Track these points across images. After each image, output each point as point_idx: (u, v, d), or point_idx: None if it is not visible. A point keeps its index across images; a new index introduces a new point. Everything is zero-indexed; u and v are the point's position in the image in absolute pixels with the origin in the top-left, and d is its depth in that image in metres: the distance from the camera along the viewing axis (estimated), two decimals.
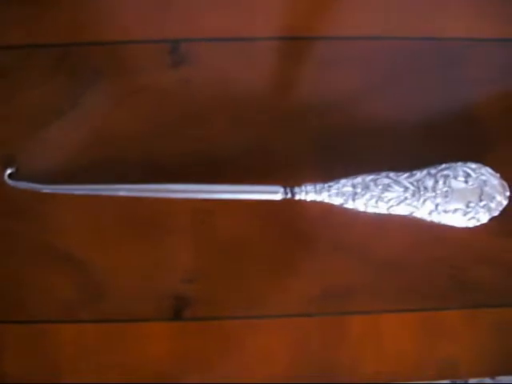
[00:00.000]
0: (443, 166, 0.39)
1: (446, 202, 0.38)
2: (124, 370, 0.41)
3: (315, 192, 0.38)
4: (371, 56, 0.42)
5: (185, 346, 0.42)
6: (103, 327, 0.41)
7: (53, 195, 0.39)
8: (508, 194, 0.38)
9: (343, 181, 0.38)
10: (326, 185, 0.38)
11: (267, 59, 0.42)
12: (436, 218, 0.38)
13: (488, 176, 0.38)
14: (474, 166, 0.38)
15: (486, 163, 0.39)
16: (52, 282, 0.41)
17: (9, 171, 0.40)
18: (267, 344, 0.42)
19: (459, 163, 0.39)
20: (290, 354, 0.42)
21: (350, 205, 0.38)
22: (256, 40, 0.42)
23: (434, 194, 0.38)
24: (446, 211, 0.38)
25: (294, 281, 0.42)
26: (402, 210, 0.38)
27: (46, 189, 0.39)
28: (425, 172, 0.38)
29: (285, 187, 0.38)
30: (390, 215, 0.38)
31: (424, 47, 0.42)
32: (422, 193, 0.38)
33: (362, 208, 0.38)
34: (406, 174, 0.38)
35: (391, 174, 0.38)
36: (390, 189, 0.38)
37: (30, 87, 0.41)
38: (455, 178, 0.38)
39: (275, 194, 0.38)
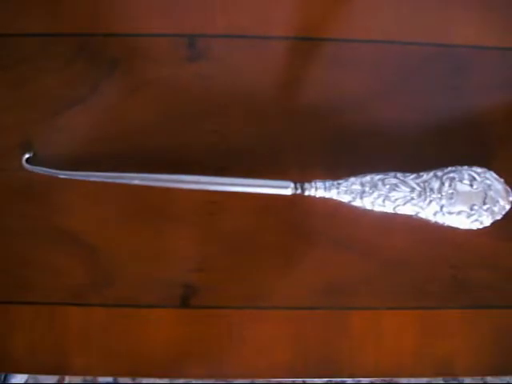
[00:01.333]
0: (449, 168, 0.40)
1: (451, 204, 0.39)
2: (131, 354, 0.42)
3: (325, 189, 0.39)
4: (381, 59, 0.43)
5: (189, 334, 0.42)
6: (110, 311, 0.42)
7: (67, 181, 0.40)
8: (511, 198, 0.39)
9: (352, 179, 0.39)
10: (335, 182, 0.39)
11: (281, 58, 0.43)
12: (440, 219, 0.39)
13: (493, 180, 0.39)
14: (479, 170, 0.40)
15: (491, 168, 0.40)
16: (62, 265, 0.42)
17: (26, 156, 0.41)
18: (270, 335, 0.43)
19: (465, 167, 0.40)
20: (292, 345, 0.43)
21: (357, 203, 0.39)
22: (270, 39, 0.43)
23: (439, 196, 0.39)
24: (450, 213, 0.39)
25: (298, 274, 0.42)
26: (407, 209, 0.39)
27: (62, 174, 0.40)
28: (431, 174, 0.39)
29: (295, 183, 0.39)
30: (395, 214, 0.39)
31: (432, 53, 0.43)
32: (427, 194, 0.39)
33: (369, 206, 0.39)
34: (413, 175, 0.39)
35: (399, 175, 0.39)
36: (397, 189, 0.39)
37: (49, 75, 0.42)
38: (461, 181, 0.39)
39: (285, 189, 0.39)
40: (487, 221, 0.39)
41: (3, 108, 0.42)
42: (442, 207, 0.39)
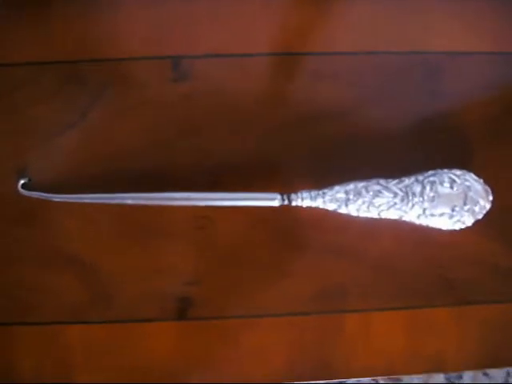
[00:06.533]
0: (430, 172, 0.41)
1: (433, 207, 0.41)
2: (132, 368, 0.43)
3: (310, 198, 0.40)
4: (361, 70, 0.45)
5: (189, 345, 0.44)
6: (111, 328, 0.43)
7: (62, 204, 0.41)
8: (491, 198, 0.41)
9: (337, 188, 0.40)
10: (320, 191, 0.40)
11: (264, 73, 0.45)
12: (424, 221, 0.41)
13: (472, 182, 0.41)
14: (458, 172, 0.41)
15: (469, 169, 0.41)
16: (62, 285, 0.43)
17: (22, 181, 0.42)
18: (265, 341, 0.44)
19: (445, 170, 0.41)
20: (287, 350, 0.44)
21: (343, 210, 0.40)
22: (253, 56, 0.44)
23: (421, 199, 0.40)
24: (433, 215, 0.41)
25: (290, 282, 0.44)
26: (391, 214, 0.41)
27: (57, 198, 0.41)
28: (413, 179, 0.41)
29: (282, 194, 0.40)
30: (380, 219, 0.41)
31: (410, 61, 0.45)
32: (410, 198, 0.40)
33: (354, 213, 0.40)
34: (395, 181, 0.41)
35: (381, 181, 0.41)
36: (380, 195, 0.40)
37: (41, 101, 0.43)
38: (441, 183, 0.41)
39: (273, 200, 0.40)
40: (469, 221, 0.41)
41: None
42: (424, 210, 0.41)
